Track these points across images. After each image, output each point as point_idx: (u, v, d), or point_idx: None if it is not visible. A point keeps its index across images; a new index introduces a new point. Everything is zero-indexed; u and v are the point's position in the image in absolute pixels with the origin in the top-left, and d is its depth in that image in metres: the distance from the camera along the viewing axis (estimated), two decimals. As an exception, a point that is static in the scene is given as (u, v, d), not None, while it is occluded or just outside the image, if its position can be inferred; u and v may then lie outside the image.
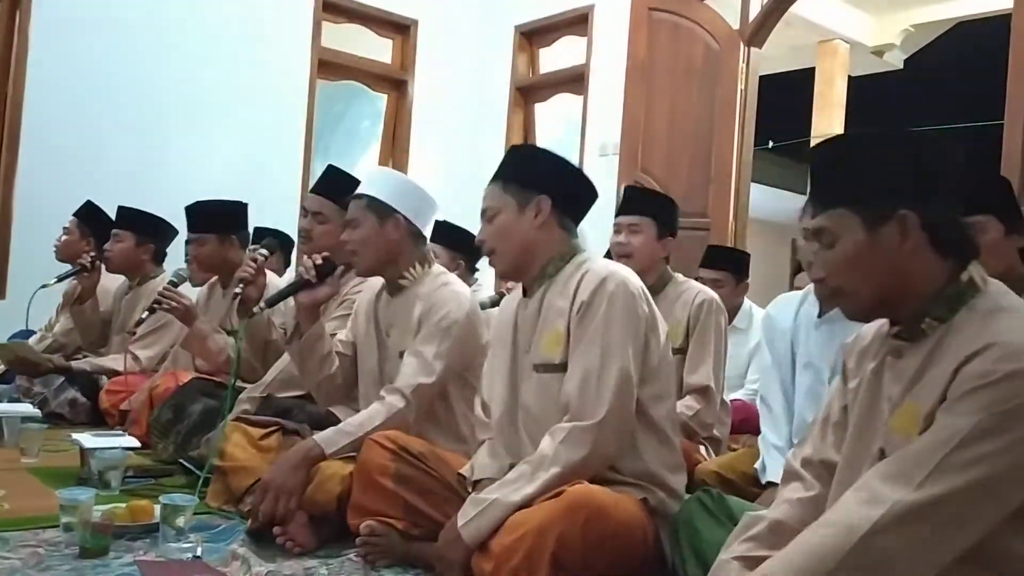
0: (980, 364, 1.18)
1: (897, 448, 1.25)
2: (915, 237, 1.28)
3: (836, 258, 1.34)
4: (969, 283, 1.29)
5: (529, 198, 2.05)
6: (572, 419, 1.88)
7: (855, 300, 1.36)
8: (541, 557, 1.69)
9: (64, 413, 3.72)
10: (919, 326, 1.30)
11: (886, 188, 1.30)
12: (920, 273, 1.29)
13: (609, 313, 1.92)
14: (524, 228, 2.05)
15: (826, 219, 1.35)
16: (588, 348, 1.91)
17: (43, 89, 4.85)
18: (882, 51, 8.29)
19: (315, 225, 2.86)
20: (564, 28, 6.08)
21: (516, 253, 2.07)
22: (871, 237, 1.30)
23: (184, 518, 2.06)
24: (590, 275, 1.98)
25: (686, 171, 5.06)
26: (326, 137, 6.44)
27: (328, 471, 2.19)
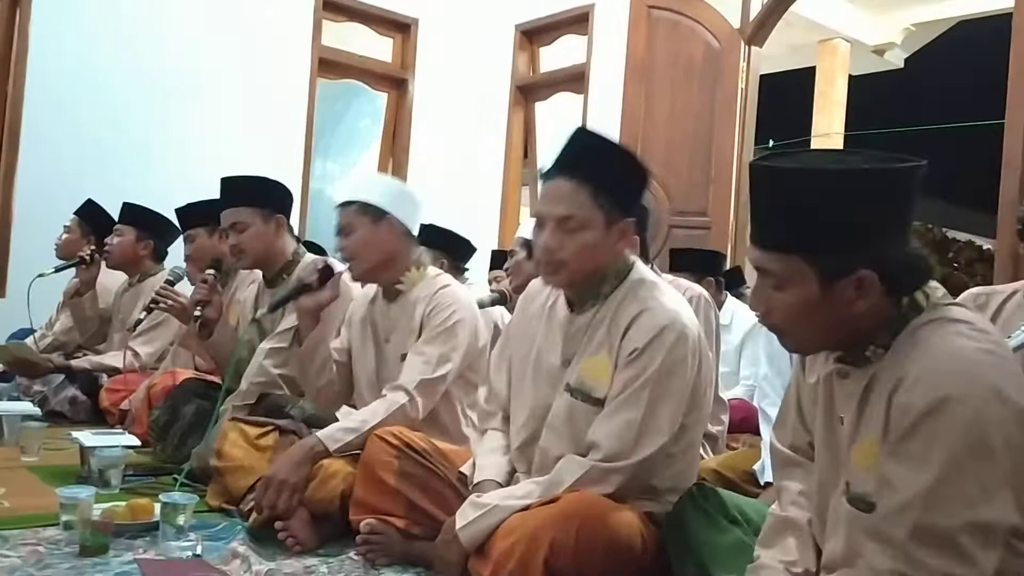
0: (903, 396, 1.18)
1: (861, 484, 1.26)
2: (872, 293, 1.24)
3: (784, 303, 1.28)
4: (909, 306, 1.27)
5: (618, 218, 1.87)
6: (600, 459, 1.82)
7: (799, 343, 1.35)
8: (534, 564, 1.67)
9: (64, 411, 3.73)
10: (863, 353, 1.29)
11: (846, 244, 1.23)
12: (870, 317, 1.26)
13: (664, 366, 1.81)
14: (607, 250, 1.89)
15: (776, 262, 1.27)
16: (634, 398, 1.82)
17: (43, 88, 4.85)
18: (883, 50, 8.27)
19: (240, 236, 2.83)
20: (564, 27, 6.08)
21: (589, 272, 1.91)
22: (824, 291, 1.25)
23: (184, 516, 2.06)
24: (648, 316, 1.85)
25: (686, 170, 5.06)
26: (326, 136, 6.44)
27: (331, 469, 2.19)
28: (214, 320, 2.84)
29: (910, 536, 1.15)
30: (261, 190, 2.92)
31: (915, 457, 1.16)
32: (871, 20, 8.13)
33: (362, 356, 2.54)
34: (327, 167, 6.63)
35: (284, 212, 2.92)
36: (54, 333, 4.29)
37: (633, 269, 1.97)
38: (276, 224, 2.88)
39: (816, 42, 8.13)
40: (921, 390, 1.17)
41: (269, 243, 2.86)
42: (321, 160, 6.26)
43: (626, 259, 1.97)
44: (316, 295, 2.43)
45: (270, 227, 2.86)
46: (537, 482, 1.87)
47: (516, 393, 2.08)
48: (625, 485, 1.82)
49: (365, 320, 2.56)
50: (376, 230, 2.42)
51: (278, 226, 2.89)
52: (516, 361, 2.10)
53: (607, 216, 1.86)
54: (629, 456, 1.81)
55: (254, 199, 2.86)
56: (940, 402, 1.14)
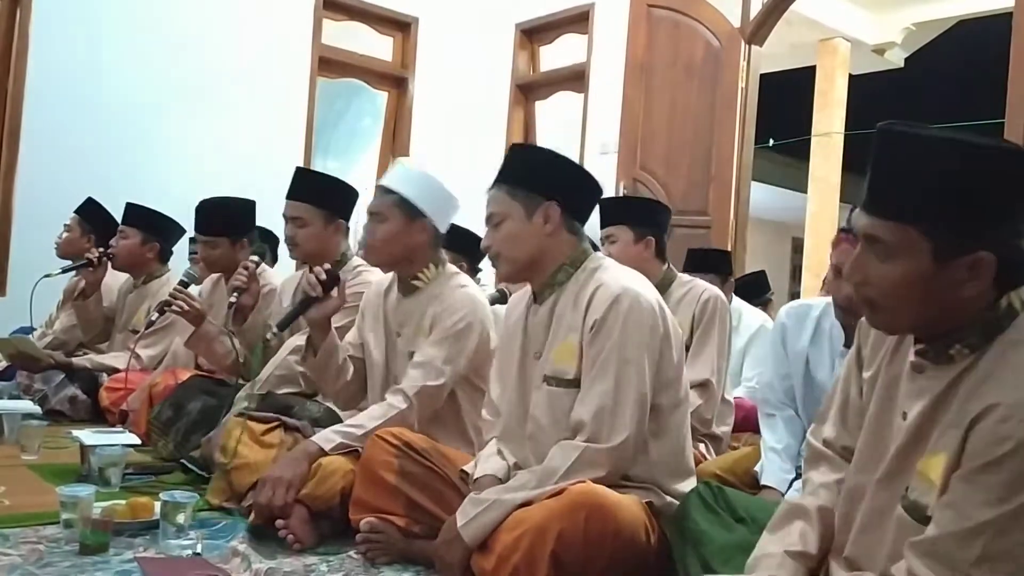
0: (994, 427, 1.13)
1: (922, 494, 1.22)
2: (985, 279, 1.18)
3: (888, 276, 1.22)
4: (1007, 309, 1.20)
5: (537, 204, 2.00)
6: (586, 439, 1.85)
7: (891, 319, 1.28)
8: (541, 555, 1.69)
9: (64, 410, 3.72)
10: (948, 351, 1.23)
11: (971, 223, 1.17)
12: (971, 305, 1.20)
13: (624, 332, 1.87)
14: (533, 235, 2.00)
15: (888, 231, 1.21)
16: (603, 370, 1.87)
17: (44, 86, 4.85)
18: (883, 49, 8.28)
19: (297, 230, 2.85)
20: (565, 26, 6.08)
21: (524, 260, 2.03)
22: (938, 268, 1.18)
23: (184, 515, 2.06)
24: (603, 290, 1.93)
25: (686, 169, 5.05)
26: (326, 135, 6.44)
27: (331, 467, 2.19)
28: (249, 308, 2.83)
29: (975, 562, 1.12)
30: (331, 192, 2.93)
31: (995, 488, 1.12)
32: (871, 19, 8.13)
33: (373, 348, 2.53)
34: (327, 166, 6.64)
35: (346, 217, 2.93)
36: (54, 331, 4.29)
37: (590, 258, 2.05)
38: (335, 228, 2.89)
39: (816, 41, 8.14)
40: (1014, 425, 1.11)
41: (324, 244, 2.86)
42: (321, 159, 6.26)
43: (581, 247, 2.05)
44: (322, 305, 2.40)
45: (329, 230, 2.88)
46: (532, 471, 1.89)
47: (503, 396, 2.12)
48: (619, 464, 1.85)
49: (378, 311, 2.55)
50: (408, 228, 2.42)
51: (336, 230, 2.90)
52: (504, 368, 2.15)
53: (524, 205, 2.00)
54: (613, 433, 1.84)
55: (322, 200, 2.86)
56: None
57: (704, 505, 1.76)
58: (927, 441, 1.24)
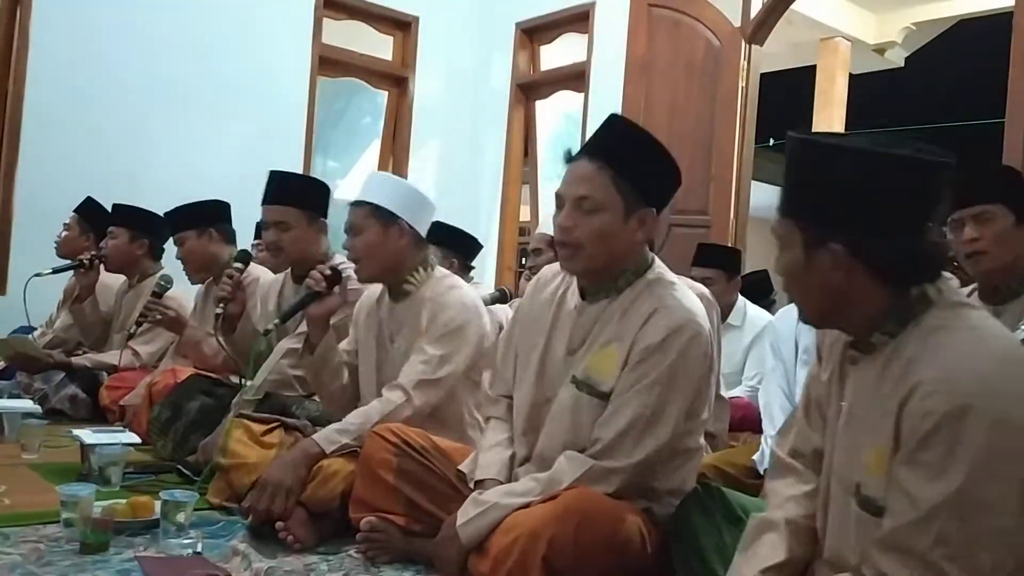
0: (920, 404, 1.18)
1: (871, 488, 1.25)
2: (847, 267, 1.27)
3: (782, 267, 1.36)
4: (919, 298, 1.27)
5: (639, 207, 1.85)
6: (599, 456, 1.82)
7: (802, 308, 1.39)
8: (533, 561, 1.67)
9: (64, 409, 3.72)
10: (869, 339, 1.31)
11: (827, 214, 1.28)
12: (858, 296, 1.29)
13: (675, 367, 1.80)
14: (624, 239, 1.86)
15: (778, 225, 1.35)
16: (643, 396, 1.81)
17: (44, 85, 4.84)
18: (883, 49, 8.28)
19: (281, 235, 2.83)
20: (565, 25, 6.07)
21: (606, 261, 1.88)
22: (807, 258, 1.30)
23: (184, 514, 2.06)
24: (664, 315, 1.83)
25: (686, 169, 4.94)
26: (326, 134, 6.44)
27: (331, 469, 2.19)
28: (236, 316, 2.83)
29: (933, 545, 1.14)
30: (311, 192, 2.92)
31: (934, 465, 1.15)
32: (872, 19, 8.13)
33: (366, 355, 2.54)
34: (328, 165, 6.64)
35: (326, 215, 2.92)
36: (54, 330, 4.29)
37: (652, 266, 1.95)
38: (319, 228, 2.88)
39: (817, 40, 8.13)
40: (939, 398, 1.16)
41: (309, 245, 2.86)
42: (322, 158, 6.26)
43: (646, 256, 1.95)
44: (325, 302, 2.41)
45: (312, 231, 2.86)
46: (537, 479, 1.87)
47: (520, 380, 2.06)
48: (626, 485, 1.82)
49: (371, 319, 2.55)
50: (385, 234, 2.41)
51: (319, 230, 2.89)
52: (522, 348, 2.08)
53: (626, 202, 1.84)
54: (630, 455, 1.80)
55: (304, 201, 2.85)
56: (960, 410, 1.14)
57: (702, 507, 1.76)
58: (867, 434, 1.29)
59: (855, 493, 1.29)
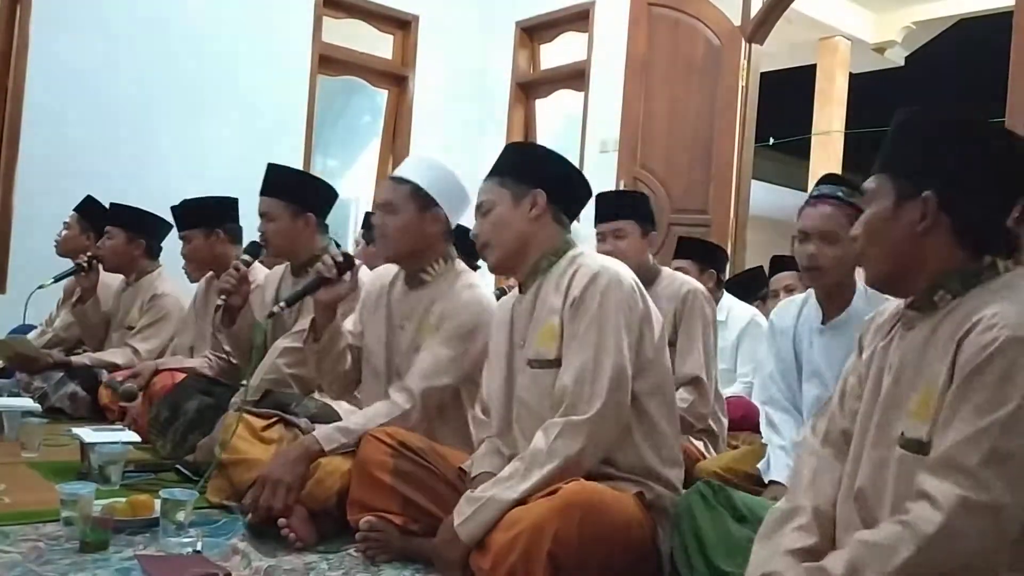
0: (978, 337, 1.20)
1: (915, 430, 1.27)
2: (933, 219, 1.31)
3: (867, 219, 1.40)
4: (990, 266, 1.31)
5: (525, 191, 2.06)
6: (565, 413, 1.88)
7: (873, 264, 1.41)
8: (538, 555, 1.68)
9: (64, 408, 3.72)
10: (932, 298, 1.33)
11: (922, 166, 1.34)
12: (933, 253, 1.33)
13: (602, 307, 1.91)
14: (519, 221, 2.06)
15: (872, 180, 1.41)
16: (582, 343, 1.91)
17: (44, 84, 4.85)
18: (883, 48, 8.28)
19: (267, 225, 2.84)
20: (565, 24, 6.08)
21: (510, 246, 2.07)
22: (896, 208, 1.35)
23: (184, 513, 2.06)
24: (582, 270, 1.98)
25: (686, 168, 5.06)
26: (326, 132, 6.45)
27: (328, 467, 2.19)
28: (237, 309, 2.82)
29: (983, 462, 1.16)
30: (298, 186, 2.93)
31: (989, 387, 1.17)
32: (872, 18, 8.14)
33: (373, 339, 2.50)
34: (327, 164, 6.65)
35: (317, 211, 2.91)
36: (54, 329, 4.29)
37: (572, 248, 2.09)
38: (305, 222, 2.88)
39: (817, 40, 8.14)
40: (998, 330, 1.18)
41: (294, 238, 2.86)
42: (321, 157, 6.27)
43: (567, 240, 2.09)
44: (335, 288, 2.38)
45: (298, 224, 2.86)
46: (519, 458, 1.90)
47: (493, 389, 2.14)
48: (596, 436, 1.86)
49: (380, 302, 2.52)
50: (421, 218, 2.38)
51: (306, 223, 2.88)
52: (493, 363, 2.17)
53: (512, 192, 2.07)
54: (590, 401, 1.86)
55: (289, 194, 2.86)
56: (1019, 339, 1.16)
57: (705, 503, 1.76)
58: (917, 382, 1.30)
59: (897, 441, 1.30)
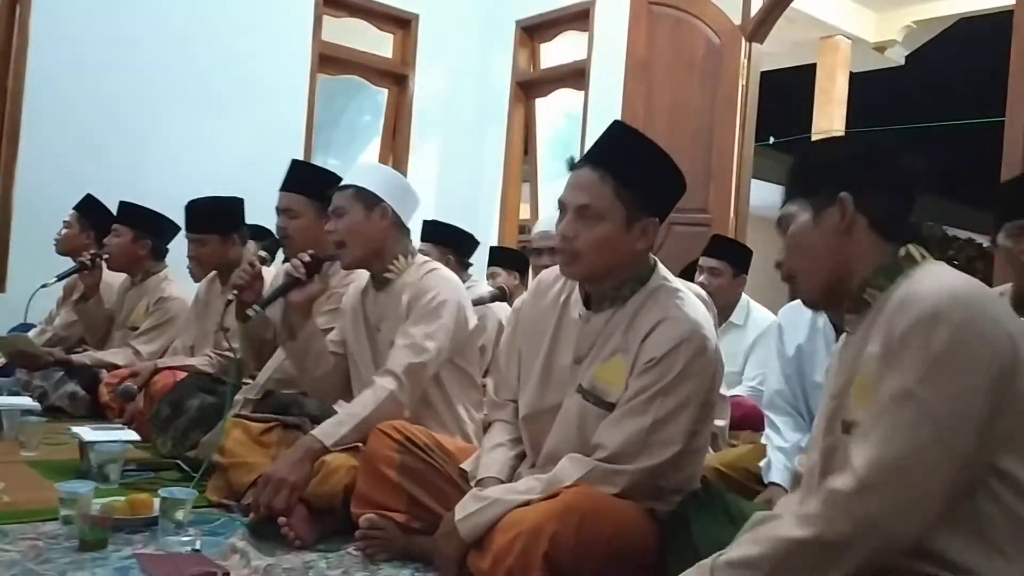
0: (894, 321, 1.25)
1: (852, 415, 1.31)
2: (852, 217, 1.38)
3: (791, 238, 1.45)
4: (905, 257, 1.37)
5: (640, 216, 1.85)
6: (603, 458, 1.80)
7: (807, 280, 1.45)
8: (534, 558, 1.66)
9: (64, 406, 3.72)
10: (863, 297, 1.38)
11: (834, 178, 1.41)
12: (859, 250, 1.38)
13: (681, 379, 1.79)
14: (625, 248, 1.86)
15: (786, 207, 1.47)
16: (645, 407, 1.80)
17: (43, 83, 4.85)
18: (884, 47, 8.27)
19: (288, 222, 2.85)
20: (565, 23, 6.07)
21: (604, 269, 1.88)
22: (816, 218, 1.41)
23: (183, 512, 2.06)
24: (670, 326, 1.82)
25: (686, 167, 4.88)
26: (327, 132, 6.44)
27: (334, 464, 2.19)
28: (250, 305, 2.82)
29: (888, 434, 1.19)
30: (323, 184, 2.85)
31: (903, 362, 1.21)
32: (872, 17, 8.13)
33: (357, 346, 2.55)
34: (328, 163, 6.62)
35: None
36: (54, 328, 4.29)
37: (655, 274, 1.94)
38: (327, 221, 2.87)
39: (817, 39, 8.13)
40: (915, 308, 1.23)
41: (315, 236, 2.82)
42: (322, 156, 6.26)
43: (649, 262, 1.95)
44: (306, 288, 2.43)
45: (321, 223, 2.82)
46: (539, 478, 1.86)
47: (524, 386, 2.05)
48: (631, 488, 1.80)
49: (357, 310, 2.57)
50: (368, 217, 2.44)
51: None
52: (525, 353, 2.07)
53: (628, 212, 1.84)
54: (634, 461, 1.79)
55: (314, 191, 2.83)
56: (931, 315, 1.20)
57: (701, 507, 1.76)
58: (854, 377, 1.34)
59: (840, 428, 1.34)
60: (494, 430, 2.12)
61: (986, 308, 1.22)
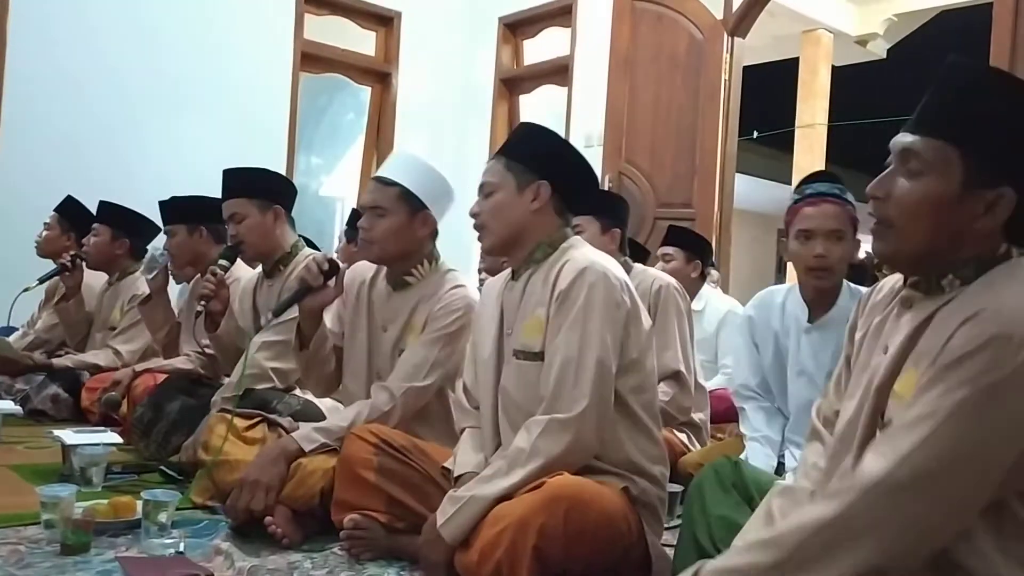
0: (967, 330, 1.12)
1: (896, 412, 1.21)
2: (998, 217, 1.19)
3: (913, 192, 1.23)
4: (1004, 254, 1.22)
5: (530, 180, 2.03)
6: (548, 411, 1.85)
7: (900, 240, 1.26)
8: (523, 550, 1.67)
9: (47, 409, 3.70)
10: (939, 281, 1.24)
11: (1004, 154, 1.19)
12: (975, 243, 1.22)
13: (588, 302, 1.88)
14: (519, 210, 2.03)
15: (929, 148, 1.22)
16: (566, 338, 1.88)
17: (23, 83, 4.80)
18: (865, 40, 8.31)
19: (238, 227, 2.80)
20: (548, 19, 6.07)
21: (506, 233, 2.04)
22: (962, 194, 1.20)
23: (166, 514, 2.04)
24: (570, 264, 1.95)
25: (671, 162, 5.06)
26: (309, 130, 6.42)
27: (310, 467, 2.17)
28: (219, 314, 2.80)
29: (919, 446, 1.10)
30: (258, 180, 2.88)
31: (958, 378, 1.10)
32: (853, 10, 8.17)
33: (353, 339, 2.48)
34: (311, 162, 6.62)
35: (282, 203, 2.88)
36: (36, 331, 4.26)
37: (568, 240, 2.06)
38: (274, 214, 2.83)
39: (799, 33, 8.17)
40: (989, 325, 1.10)
41: (267, 233, 2.80)
42: (305, 155, 6.24)
43: (564, 232, 2.07)
44: (321, 295, 2.34)
45: (267, 217, 2.81)
46: (502, 456, 1.88)
47: (480, 378, 2.10)
48: (581, 435, 1.83)
49: (361, 301, 2.49)
50: (410, 222, 2.35)
51: (276, 216, 2.83)
52: (479, 350, 2.13)
53: (517, 179, 2.03)
54: (575, 399, 1.83)
55: (252, 190, 2.82)
56: (1006, 336, 1.08)
57: (718, 482, 1.72)
58: (903, 367, 1.24)
59: (879, 423, 1.25)
60: (465, 435, 2.13)
61: None
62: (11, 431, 3.23)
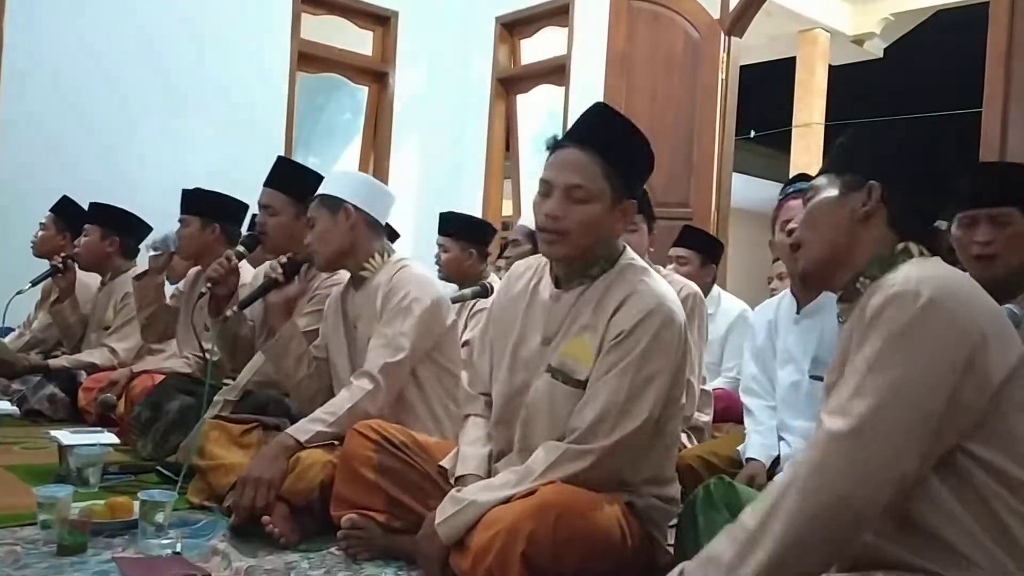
0: (875, 299, 1.26)
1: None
2: (874, 207, 1.39)
3: (811, 207, 1.47)
4: (903, 251, 1.37)
5: (622, 198, 1.87)
6: (575, 442, 1.81)
7: (809, 250, 1.46)
8: (513, 556, 1.66)
9: (43, 410, 3.70)
10: (855, 286, 1.40)
11: (871, 164, 1.42)
12: (867, 240, 1.39)
13: (649, 350, 1.80)
14: (608, 227, 1.88)
15: (818, 179, 1.49)
16: (617, 382, 1.80)
17: (18, 84, 4.78)
18: (862, 40, 8.32)
19: (268, 218, 2.82)
20: (545, 19, 6.07)
21: (584, 248, 1.88)
22: (842, 196, 1.42)
23: (163, 514, 2.04)
24: (636, 300, 1.83)
25: (668, 161, 5.05)
26: (307, 130, 6.41)
27: (308, 460, 2.19)
28: (224, 299, 2.79)
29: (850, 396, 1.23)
30: (305, 184, 2.81)
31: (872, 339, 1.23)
32: (850, 10, 8.17)
33: (336, 345, 2.56)
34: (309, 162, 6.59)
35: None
36: (32, 331, 4.26)
37: (624, 254, 1.96)
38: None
39: (796, 32, 8.17)
40: (891, 287, 1.25)
41: (291, 235, 2.79)
42: (302, 154, 6.23)
43: (618, 244, 1.96)
44: (284, 290, 2.49)
45: (299, 224, 2.77)
46: (514, 471, 1.86)
47: (495, 373, 2.06)
48: (599, 467, 1.80)
49: (337, 310, 2.59)
50: (333, 220, 2.46)
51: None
52: (497, 341, 2.08)
53: (614, 193, 1.86)
54: (606, 438, 1.79)
55: (297, 191, 2.79)
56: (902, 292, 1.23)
57: (709, 502, 1.73)
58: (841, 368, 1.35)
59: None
60: (469, 425, 2.11)
61: (959, 294, 1.24)
62: (8, 432, 3.23)
